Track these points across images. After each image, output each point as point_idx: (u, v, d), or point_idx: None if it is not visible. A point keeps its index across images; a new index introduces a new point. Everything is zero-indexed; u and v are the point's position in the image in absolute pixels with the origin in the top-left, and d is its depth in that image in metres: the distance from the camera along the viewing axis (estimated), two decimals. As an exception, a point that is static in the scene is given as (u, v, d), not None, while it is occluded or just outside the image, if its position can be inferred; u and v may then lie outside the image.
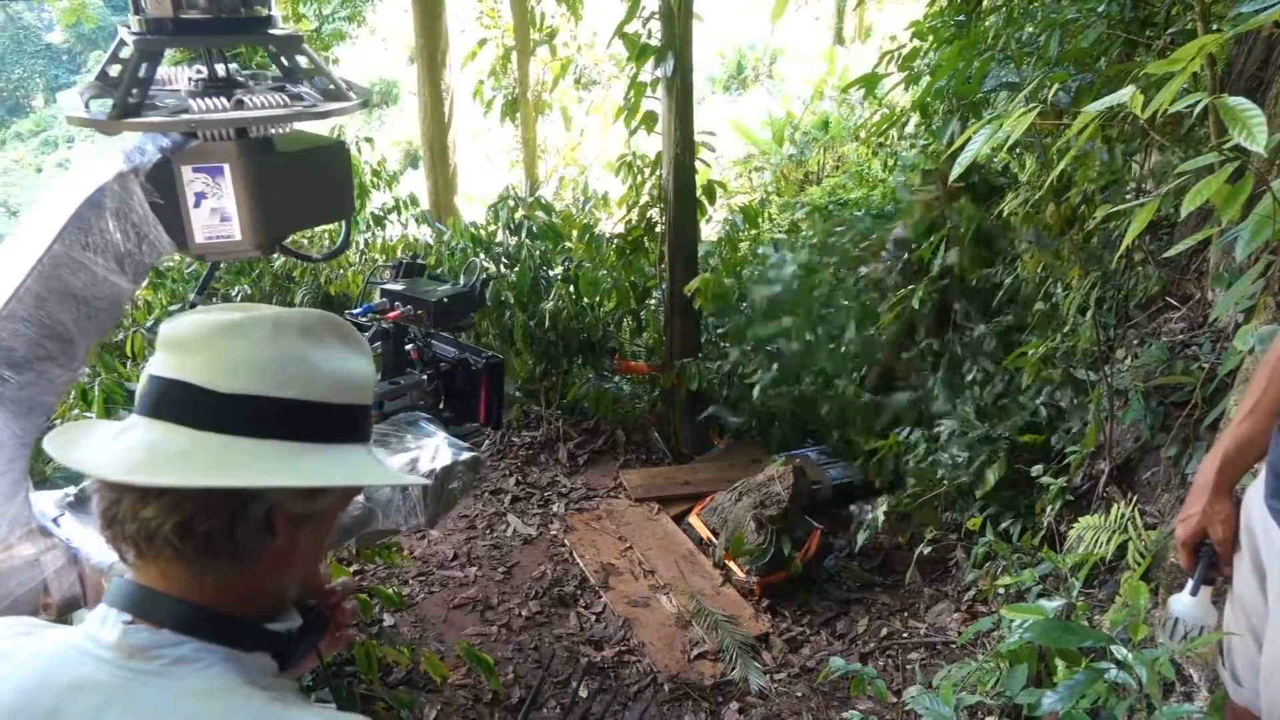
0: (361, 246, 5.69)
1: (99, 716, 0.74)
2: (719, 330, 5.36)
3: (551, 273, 4.99)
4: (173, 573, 0.79)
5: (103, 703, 0.74)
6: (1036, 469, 3.26)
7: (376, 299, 2.08)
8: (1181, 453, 2.72)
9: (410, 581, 3.75)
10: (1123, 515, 2.65)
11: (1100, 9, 3.45)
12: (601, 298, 4.97)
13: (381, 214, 5.68)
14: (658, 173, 4.78)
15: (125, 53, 1.24)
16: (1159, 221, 3.42)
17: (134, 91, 1.18)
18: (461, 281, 1.86)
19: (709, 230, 6.15)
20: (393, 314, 1.97)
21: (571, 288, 4.89)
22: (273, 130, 1.26)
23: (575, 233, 5.26)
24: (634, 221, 5.03)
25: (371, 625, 3.07)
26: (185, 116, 1.18)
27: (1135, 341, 3.27)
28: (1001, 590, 2.95)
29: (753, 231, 5.75)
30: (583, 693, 3.12)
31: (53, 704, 0.75)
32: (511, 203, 5.21)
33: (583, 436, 4.99)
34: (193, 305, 1.60)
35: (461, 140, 9.91)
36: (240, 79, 1.28)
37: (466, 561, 3.92)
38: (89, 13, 8.24)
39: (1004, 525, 3.34)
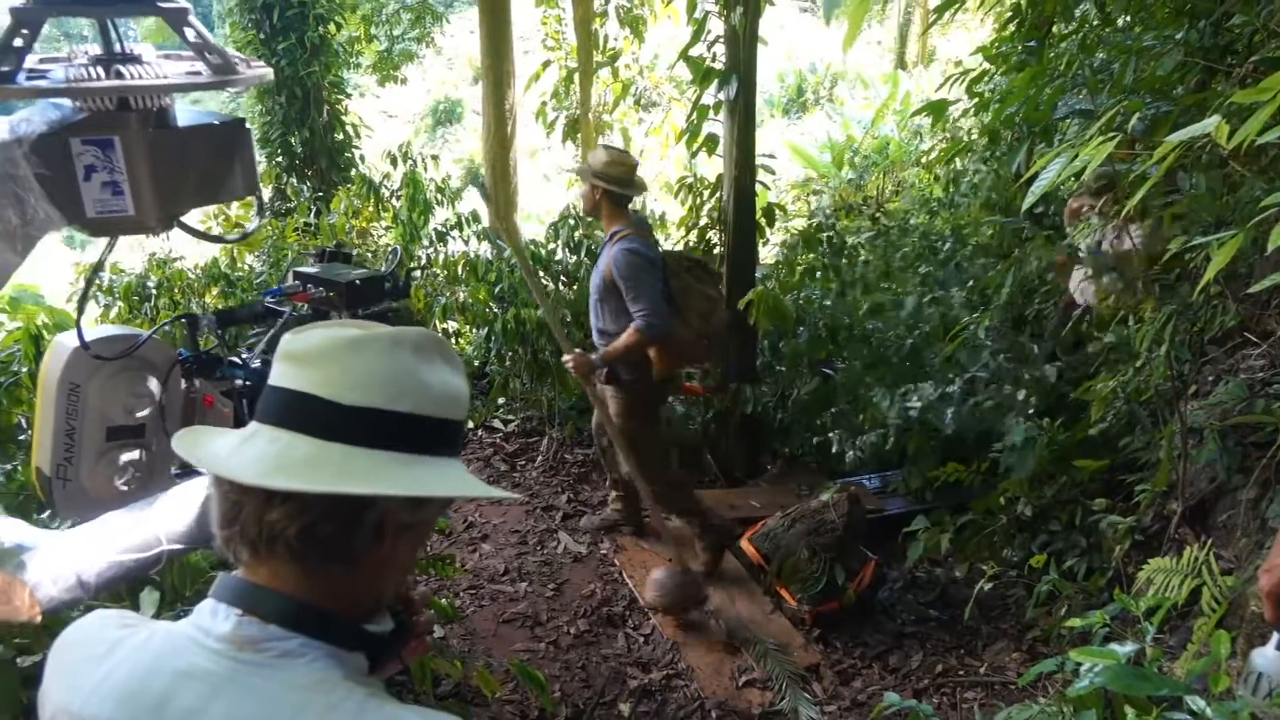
0: (424, 261, 5.79)
1: (207, 704, 0.77)
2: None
3: (609, 292, 5.00)
4: (284, 572, 0.83)
5: (211, 691, 0.78)
6: (1099, 503, 3.16)
7: (290, 283, 1.96)
8: (1261, 495, 2.61)
9: (461, 594, 3.78)
10: (1196, 559, 2.54)
11: (1179, 35, 3.37)
12: (658, 318, 4.97)
13: (444, 230, 5.80)
14: (717, 195, 4.79)
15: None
16: (1236, 254, 3.30)
17: (6, 59, 1.15)
18: (382, 268, 1.82)
19: (767, 253, 6.12)
20: (302, 295, 1.94)
21: (628, 307, 4.89)
22: (165, 101, 1.22)
23: (634, 253, 5.27)
24: (693, 243, 5.04)
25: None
26: (44, 84, 1.15)
27: (1211, 378, 3.15)
28: (1066, 631, 2.86)
29: (809, 255, 5.71)
30: (625, 711, 3.11)
31: (164, 689, 0.79)
32: (571, 221, 5.27)
33: (635, 456, 4.98)
34: (88, 282, 1.67)
35: (520, 159, 10.05)
36: (136, 54, 1.24)
37: (517, 577, 3.94)
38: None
39: (1068, 564, 3.23)
